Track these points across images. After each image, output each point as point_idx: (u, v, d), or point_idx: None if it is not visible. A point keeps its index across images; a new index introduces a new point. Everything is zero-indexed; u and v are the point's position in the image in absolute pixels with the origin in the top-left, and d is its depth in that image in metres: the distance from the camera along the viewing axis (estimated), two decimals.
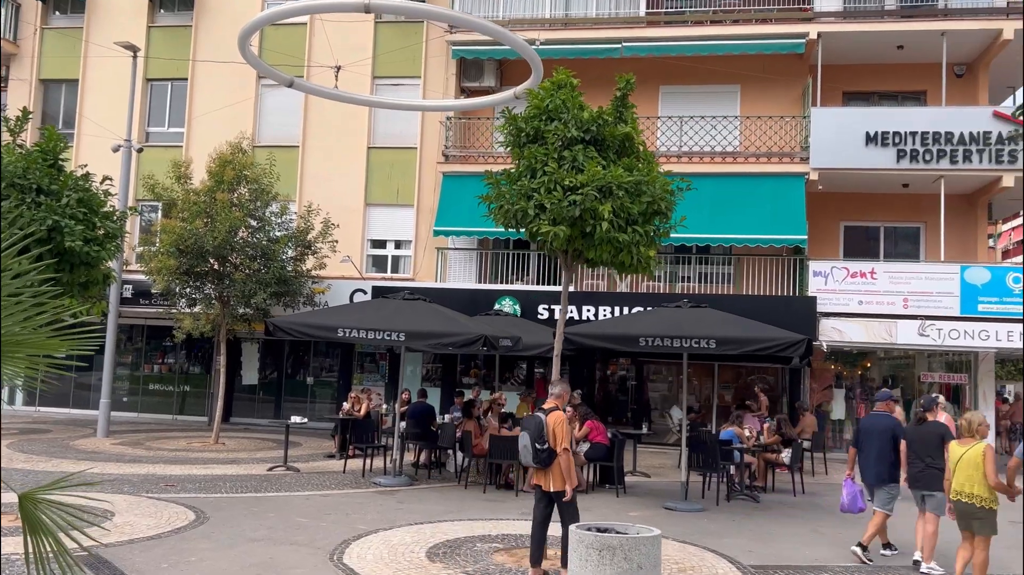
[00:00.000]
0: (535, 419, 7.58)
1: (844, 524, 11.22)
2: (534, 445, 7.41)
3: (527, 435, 7.50)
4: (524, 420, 7.87)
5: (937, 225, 19.58)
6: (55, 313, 3.46)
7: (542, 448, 7.40)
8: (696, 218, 12.76)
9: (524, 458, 7.61)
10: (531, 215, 8.36)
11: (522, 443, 7.56)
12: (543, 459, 7.40)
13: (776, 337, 10.84)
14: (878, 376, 19.86)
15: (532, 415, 7.82)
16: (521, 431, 7.67)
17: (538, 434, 7.44)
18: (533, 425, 7.51)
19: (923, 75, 19.95)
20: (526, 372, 20.73)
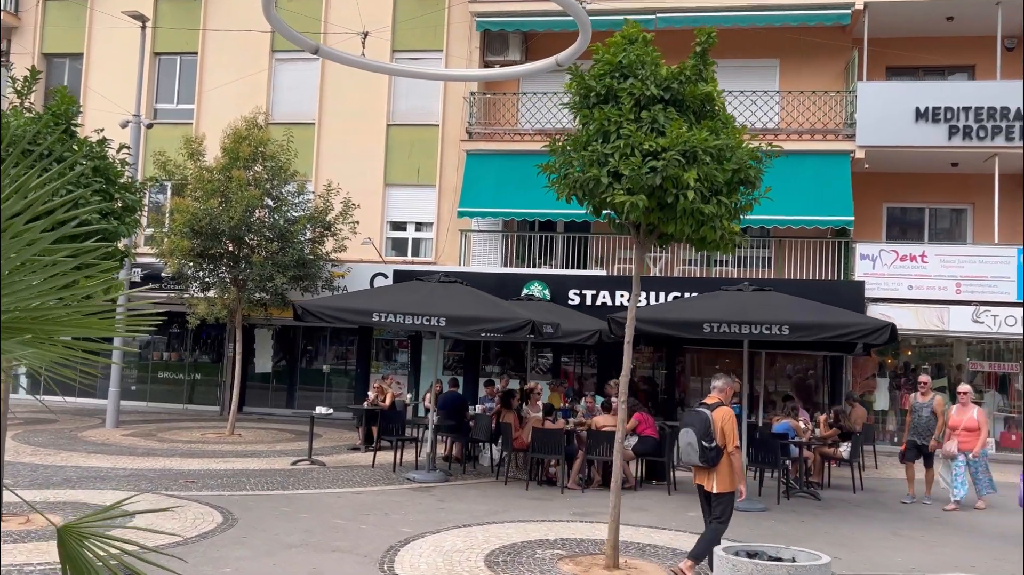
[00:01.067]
0: (700, 415, 7.21)
1: (922, 525, 10.38)
2: (700, 442, 7.07)
3: (692, 432, 7.11)
4: (687, 416, 7.48)
5: (986, 206, 18.66)
6: (95, 286, 2.58)
7: (710, 446, 7.07)
8: None
9: (687, 456, 7.25)
10: (604, 184, 7.42)
11: (686, 440, 7.16)
12: (711, 458, 7.09)
13: (857, 322, 9.95)
14: (922, 365, 18.96)
15: (694, 410, 7.43)
16: (683, 427, 7.27)
17: (704, 431, 7.08)
18: (698, 421, 7.14)
19: (972, 48, 18.97)
20: (552, 360, 19.82)
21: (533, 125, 19.24)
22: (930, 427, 12.08)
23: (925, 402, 12.27)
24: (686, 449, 7.22)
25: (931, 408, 12.15)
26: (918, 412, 12.24)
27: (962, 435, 11.46)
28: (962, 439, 11.44)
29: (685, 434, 7.21)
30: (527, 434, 12.18)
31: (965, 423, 11.52)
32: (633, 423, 12.25)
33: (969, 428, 11.47)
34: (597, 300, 17.13)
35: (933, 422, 12.07)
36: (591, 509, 10.61)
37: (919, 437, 12.15)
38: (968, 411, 11.65)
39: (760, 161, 7.83)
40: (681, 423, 7.48)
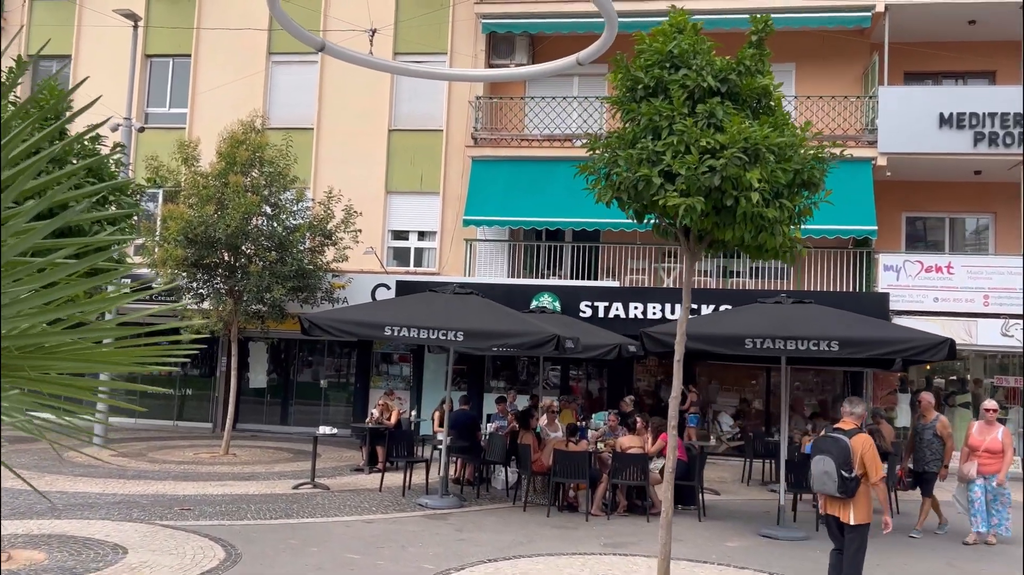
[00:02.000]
0: (838, 442, 6.69)
1: (976, 555, 9.66)
2: (840, 472, 6.56)
3: (829, 460, 6.60)
4: (821, 442, 6.94)
5: (1008, 216, 18.13)
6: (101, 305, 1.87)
7: (849, 476, 6.56)
8: None
9: (822, 486, 6.73)
10: (655, 185, 6.69)
11: (821, 468, 6.67)
12: (851, 489, 6.59)
13: (913, 338, 9.25)
14: (945, 380, 18.31)
15: (830, 437, 6.88)
16: (818, 455, 6.75)
17: (844, 460, 6.57)
18: (836, 449, 6.63)
19: (992, 53, 18.43)
20: (560, 375, 19.06)
21: (541, 131, 18.54)
22: (934, 452, 10.72)
23: (927, 424, 10.87)
24: (821, 478, 6.70)
25: (933, 430, 10.75)
26: (919, 435, 10.90)
27: (984, 457, 10.07)
28: (983, 462, 10.06)
29: (821, 462, 6.67)
30: (547, 456, 11.40)
31: (988, 444, 10.09)
32: (660, 444, 11.49)
33: (992, 450, 10.06)
34: (610, 312, 16.40)
35: (937, 446, 10.72)
36: (621, 538, 9.85)
37: (920, 462, 10.84)
38: (993, 431, 10.18)
39: (824, 161, 7.11)
40: (814, 449, 6.94)
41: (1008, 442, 10.08)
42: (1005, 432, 10.15)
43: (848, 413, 7.07)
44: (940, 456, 10.72)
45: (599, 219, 17.30)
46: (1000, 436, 10.07)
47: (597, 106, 18.50)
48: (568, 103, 18.72)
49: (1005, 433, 10.13)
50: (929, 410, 10.90)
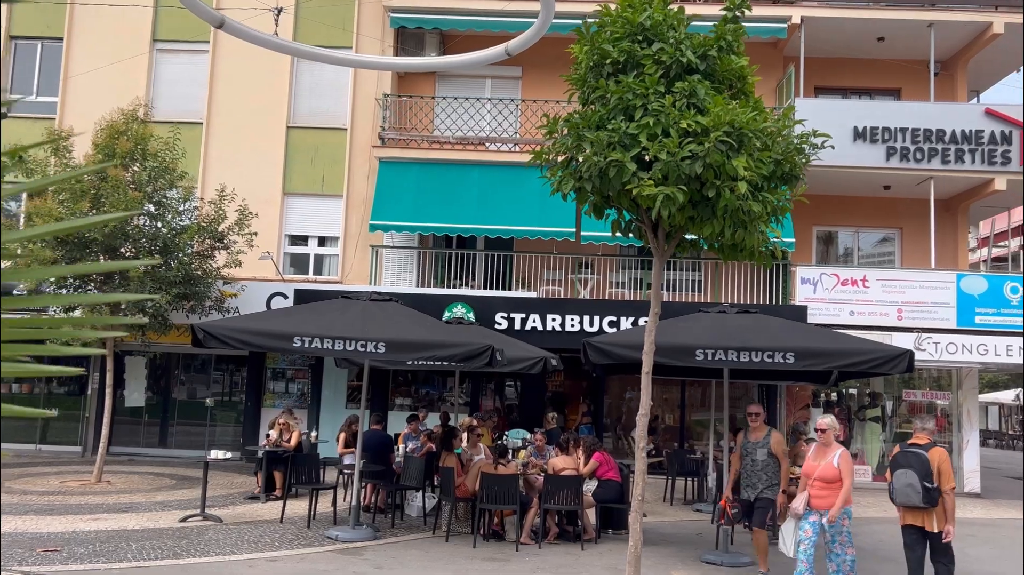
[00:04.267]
0: (918, 456, 7.30)
1: None
2: (923, 484, 7.18)
3: (913, 473, 7.21)
4: (900, 457, 7.46)
5: (914, 231, 18.41)
6: None
7: (932, 487, 7.19)
8: None
9: (906, 498, 7.30)
10: (629, 171, 5.85)
11: (905, 482, 7.26)
12: (934, 498, 7.21)
13: (871, 349, 8.75)
14: (858, 394, 18.37)
15: (910, 452, 7.42)
16: (899, 469, 7.34)
17: (925, 472, 7.20)
18: (917, 463, 7.24)
19: (900, 72, 18.77)
20: (471, 392, 18.05)
21: (453, 132, 17.58)
22: (768, 474, 8.85)
23: (758, 440, 8.92)
24: (905, 490, 7.27)
25: (767, 449, 8.87)
26: (750, 455, 8.93)
27: (816, 487, 7.73)
28: (816, 493, 7.73)
29: (905, 475, 7.24)
30: (473, 480, 10.37)
31: (822, 470, 7.76)
32: (593, 465, 10.68)
33: (826, 479, 7.73)
34: (527, 324, 15.54)
35: (772, 467, 8.85)
36: (559, 570, 8.93)
37: (750, 489, 8.88)
38: (828, 454, 7.84)
39: (804, 154, 6.46)
40: (896, 463, 7.43)
41: (847, 469, 7.71)
42: (843, 456, 7.80)
43: (920, 429, 7.73)
44: (777, 481, 8.90)
45: (514, 226, 16.50)
46: (837, 461, 7.73)
47: (512, 109, 17.72)
48: (481, 104, 17.85)
49: (843, 457, 7.78)
50: (759, 424, 8.99)
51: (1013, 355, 15.66)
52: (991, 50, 17.95)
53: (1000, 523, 13.62)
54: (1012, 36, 17.38)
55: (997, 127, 16.52)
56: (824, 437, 7.90)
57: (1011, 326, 15.86)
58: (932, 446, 7.40)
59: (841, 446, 7.85)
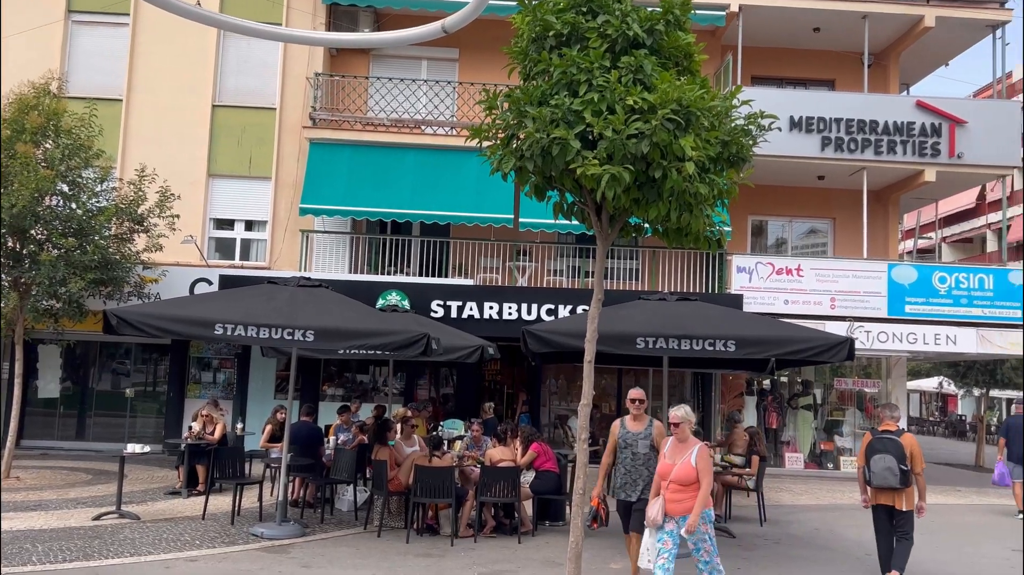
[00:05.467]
0: (893, 442, 7.92)
1: (865, 566, 9.23)
2: (900, 467, 7.83)
3: (891, 458, 7.84)
4: (877, 443, 8.02)
5: (846, 221, 18.64)
6: None
7: (907, 470, 7.88)
8: None
9: (885, 480, 7.90)
10: (573, 149, 5.55)
11: (884, 465, 7.86)
12: (909, 480, 7.91)
13: (812, 337, 8.66)
14: (790, 382, 18.55)
15: (885, 438, 8.00)
16: (878, 453, 7.93)
17: (901, 456, 7.86)
18: (893, 448, 7.88)
19: (834, 63, 18.96)
20: (405, 383, 17.62)
21: (388, 114, 17.07)
22: (650, 470, 7.60)
23: (639, 431, 7.71)
24: (884, 473, 7.88)
25: (650, 441, 7.69)
26: (630, 448, 7.69)
27: (672, 490, 6.62)
28: (672, 497, 6.61)
29: (883, 459, 7.87)
30: (406, 473, 10.00)
31: (677, 472, 6.62)
32: (531, 455, 10.41)
33: (683, 481, 6.58)
34: (464, 312, 15.19)
35: (654, 462, 7.52)
36: (496, 565, 8.64)
37: (629, 487, 7.63)
38: (685, 452, 6.72)
39: (752, 135, 6.25)
40: (872, 450, 7.99)
41: (705, 467, 6.58)
42: (701, 454, 6.64)
43: (890, 417, 8.22)
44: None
45: (450, 212, 16.13)
46: (694, 460, 6.61)
47: (449, 91, 17.28)
48: (417, 86, 17.37)
49: (701, 455, 6.63)
50: (640, 412, 7.80)
51: (940, 344, 15.95)
52: (923, 43, 18.24)
53: (933, 510, 13.82)
54: (943, 29, 17.68)
55: (928, 119, 16.78)
56: (679, 431, 6.76)
57: (940, 315, 16.16)
58: (902, 432, 8.04)
59: (700, 442, 6.78)
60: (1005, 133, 16.95)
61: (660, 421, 13.32)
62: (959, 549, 10.57)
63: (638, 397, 7.73)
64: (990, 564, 9.82)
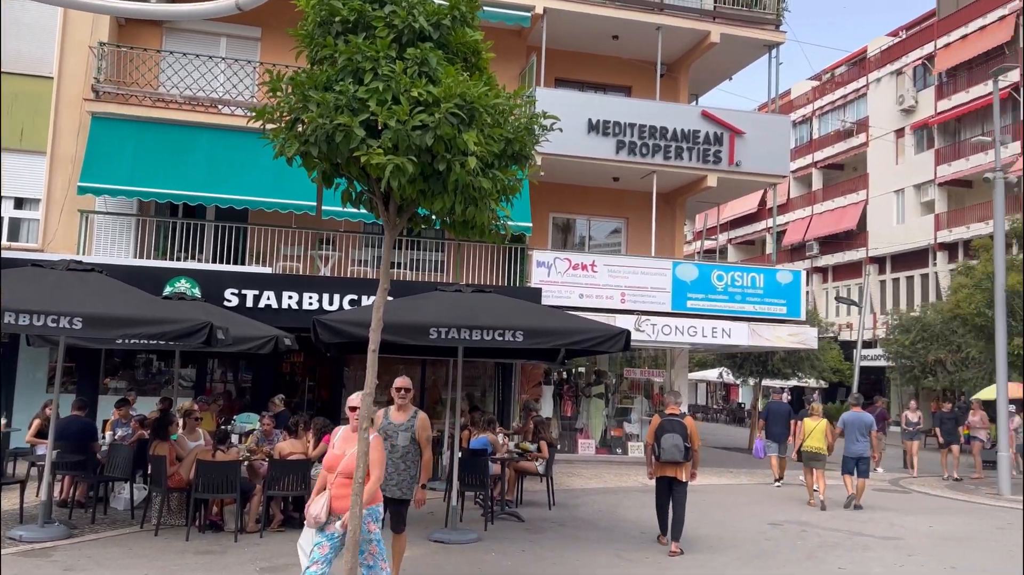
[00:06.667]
0: (679, 423, 9.30)
1: (637, 546, 9.85)
2: (684, 444, 9.21)
3: (678, 436, 9.20)
4: (667, 423, 9.32)
5: (638, 221, 19.71)
6: None
7: (688, 446, 9.25)
8: None
9: (672, 455, 9.22)
10: (357, 137, 5.51)
11: (672, 442, 9.20)
12: (689, 456, 9.28)
13: (592, 328, 9.09)
14: (587, 372, 19.41)
15: (673, 420, 9.35)
16: (667, 432, 9.25)
17: (685, 434, 9.25)
18: (679, 427, 9.27)
19: (631, 70, 19.97)
20: (196, 375, 16.79)
21: (181, 91, 16.15)
22: (408, 464, 7.15)
23: (401, 422, 7.19)
24: (672, 449, 9.21)
25: (411, 433, 7.16)
26: (390, 440, 7.06)
27: (339, 484, 5.90)
28: (338, 492, 5.87)
29: (672, 438, 9.22)
30: (188, 468, 9.55)
31: (347, 463, 5.93)
32: (323, 448, 10.23)
33: (352, 473, 5.82)
34: (261, 302, 14.67)
35: (414, 456, 7.18)
36: (280, 559, 8.45)
37: (387, 481, 6.91)
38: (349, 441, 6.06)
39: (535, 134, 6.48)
40: (662, 429, 9.31)
41: (377, 458, 5.95)
42: (374, 443, 5.99)
43: (674, 402, 9.78)
44: (416, 472, 7.27)
45: (248, 196, 15.53)
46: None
47: (249, 71, 16.61)
48: (214, 63, 16.56)
49: (374, 444, 5.97)
50: (406, 402, 7.32)
51: (718, 337, 17.26)
52: (710, 57, 19.61)
53: (701, 489, 14.95)
54: (727, 46, 19.10)
55: (711, 128, 18.08)
56: (353, 416, 6.04)
57: (717, 310, 17.47)
58: (684, 415, 9.51)
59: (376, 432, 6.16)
60: (777, 145, 18.59)
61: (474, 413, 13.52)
62: (723, 521, 11.52)
63: (403, 386, 7.25)
64: (746, 531, 10.79)
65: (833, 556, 9.61)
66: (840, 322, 38.30)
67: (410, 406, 7.31)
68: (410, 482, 7.12)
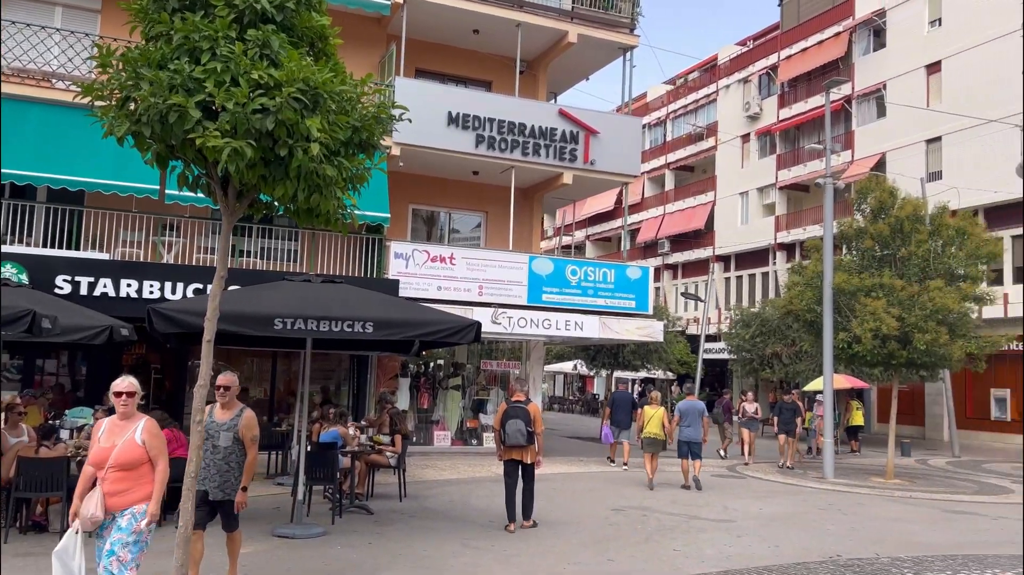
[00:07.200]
0: (523, 409, 9.86)
1: (486, 534, 9.99)
2: (527, 429, 9.78)
3: (521, 422, 9.76)
4: (511, 410, 9.89)
5: (497, 215, 19.93)
6: None
7: (531, 431, 9.84)
8: None
9: (516, 439, 9.81)
10: (192, 119, 5.31)
11: (515, 428, 9.75)
12: (533, 439, 9.87)
13: (443, 320, 9.11)
14: (445, 364, 19.45)
15: (517, 406, 9.90)
16: (511, 418, 9.81)
17: (528, 420, 9.80)
18: (522, 414, 9.82)
19: (492, 65, 20.12)
20: (23, 364, 15.67)
21: (9, 62, 14.99)
22: (231, 465, 6.85)
23: (224, 421, 6.90)
24: (515, 434, 9.80)
25: (234, 432, 6.84)
26: (212, 439, 6.83)
27: (112, 479, 5.28)
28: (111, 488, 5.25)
29: (515, 423, 9.79)
30: (9, 466, 8.92)
31: (120, 454, 5.27)
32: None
33: (126, 464, 5.28)
34: (96, 289, 13.84)
35: (237, 457, 6.87)
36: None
37: (209, 482, 6.78)
38: (128, 429, 5.35)
39: (383, 123, 6.44)
40: (506, 416, 9.90)
41: (158, 446, 5.42)
42: (148, 427, 5.38)
43: (520, 389, 10.27)
44: (239, 475, 6.88)
45: (84, 178, 14.62)
46: (139, 436, 5.32)
47: (87, 45, 15.61)
48: (48, 35, 15.47)
49: (147, 429, 5.37)
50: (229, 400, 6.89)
51: (571, 330, 17.70)
52: (568, 56, 20.04)
53: (551, 478, 15.33)
54: (584, 46, 19.58)
55: (568, 127, 18.50)
56: (125, 405, 5.34)
57: (571, 304, 17.92)
58: (528, 402, 10.06)
59: (146, 415, 5.50)
60: (629, 146, 19.24)
61: (325, 407, 13.20)
62: (569, 507, 11.86)
63: (224, 383, 6.82)
64: (591, 517, 11.16)
65: (669, 539, 10.08)
66: (688, 316, 40.11)
67: (236, 403, 6.99)
68: (233, 483, 6.85)
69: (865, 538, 10.56)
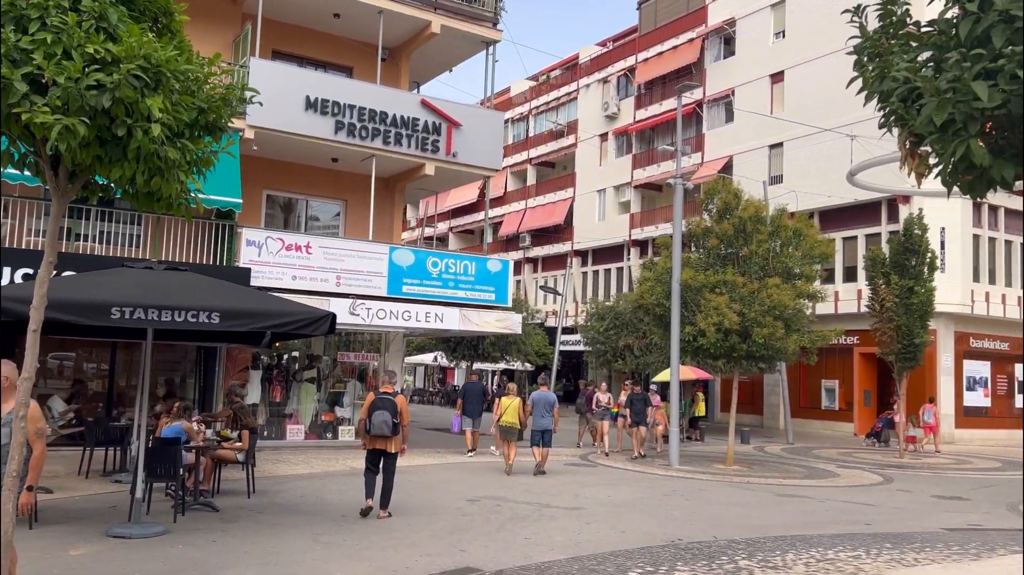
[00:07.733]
0: (389, 400, 10.19)
1: (336, 528, 9.84)
2: (393, 420, 10.10)
3: (387, 413, 10.07)
4: (379, 401, 10.17)
5: (357, 204, 19.64)
6: None
7: (397, 422, 10.16)
8: None
9: (381, 430, 10.08)
10: (18, 92, 4.92)
11: (382, 419, 10.05)
12: (398, 430, 10.20)
13: (296, 311, 8.86)
14: (301, 356, 18.96)
15: (384, 398, 10.23)
16: (378, 409, 10.10)
17: (394, 411, 10.15)
18: (389, 405, 10.14)
19: (353, 51, 19.76)
20: None
21: None
22: None
23: None
24: (380, 425, 10.07)
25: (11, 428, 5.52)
26: None
27: None
28: None
29: (382, 414, 10.06)
30: None
31: None
32: None
33: None
34: None
35: None
36: None
37: None
38: None
39: (231, 105, 6.20)
40: (374, 406, 10.15)
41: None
42: None
43: (388, 382, 10.78)
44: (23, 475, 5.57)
45: None
46: None
47: None
48: None
49: None
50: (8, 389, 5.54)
51: (431, 321, 17.67)
52: (431, 46, 19.94)
53: (408, 470, 15.27)
54: (448, 37, 19.54)
55: (431, 118, 18.42)
56: None
57: (431, 295, 17.87)
58: (397, 394, 10.44)
59: None
60: (491, 139, 19.38)
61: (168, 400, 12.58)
62: (424, 499, 11.86)
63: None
64: (445, 508, 11.20)
65: (521, 527, 10.26)
66: (547, 309, 40.91)
67: (13, 392, 5.72)
68: None
69: (705, 522, 11.12)
